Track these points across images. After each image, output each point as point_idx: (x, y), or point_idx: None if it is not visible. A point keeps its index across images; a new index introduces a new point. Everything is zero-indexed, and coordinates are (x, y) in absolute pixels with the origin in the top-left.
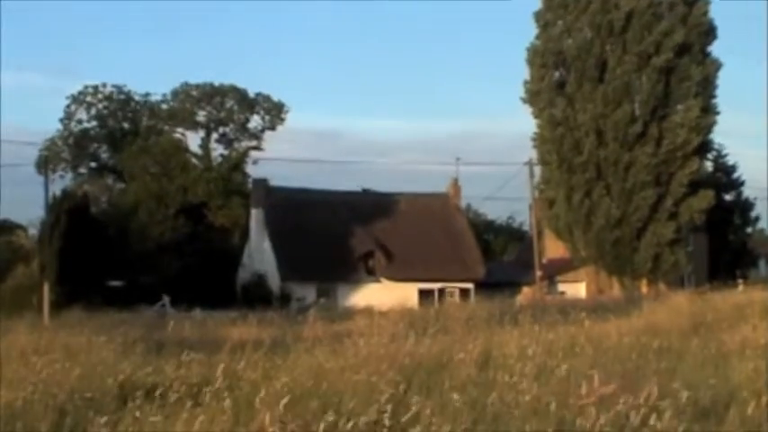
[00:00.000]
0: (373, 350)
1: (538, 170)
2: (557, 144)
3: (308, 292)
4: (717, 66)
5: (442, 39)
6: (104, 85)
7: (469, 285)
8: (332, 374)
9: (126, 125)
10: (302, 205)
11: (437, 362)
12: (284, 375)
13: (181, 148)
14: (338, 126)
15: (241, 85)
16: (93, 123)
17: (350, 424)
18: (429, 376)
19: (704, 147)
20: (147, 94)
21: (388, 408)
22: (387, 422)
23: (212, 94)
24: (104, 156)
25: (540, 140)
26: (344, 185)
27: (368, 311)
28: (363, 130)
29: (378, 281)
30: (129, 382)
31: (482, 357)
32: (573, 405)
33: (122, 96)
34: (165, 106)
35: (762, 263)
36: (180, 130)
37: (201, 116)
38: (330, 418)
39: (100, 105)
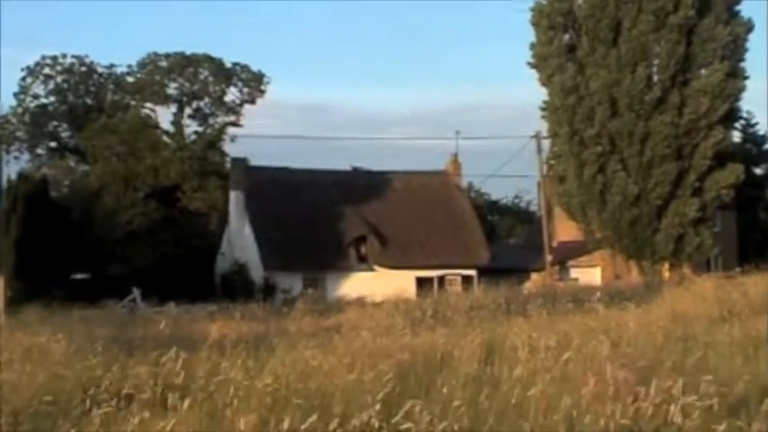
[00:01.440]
0: (365, 345)
1: (546, 144)
2: (567, 114)
3: (294, 283)
4: (747, 27)
5: None
6: (64, 56)
7: (472, 272)
8: (320, 373)
9: (88, 100)
10: (286, 186)
11: (436, 357)
12: (267, 375)
13: (150, 124)
14: (325, 99)
15: (216, 54)
16: (52, 99)
17: (338, 428)
18: (427, 373)
19: (731, 115)
20: (112, 66)
21: (380, 408)
22: (377, 424)
23: (184, 65)
24: (65, 135)
25: (548, 110)
26: (333, 164)
27: (360, 303)
28: (353, 102)
29: (371, 269)
30: (96, 386)
31: (486, 351)
32: (586, 400)
33: (84, 68)
34: (131, 79)
35: None
36: (149, 105)
37: (172, 89)
38: (316, 420)
39: (59, 78)
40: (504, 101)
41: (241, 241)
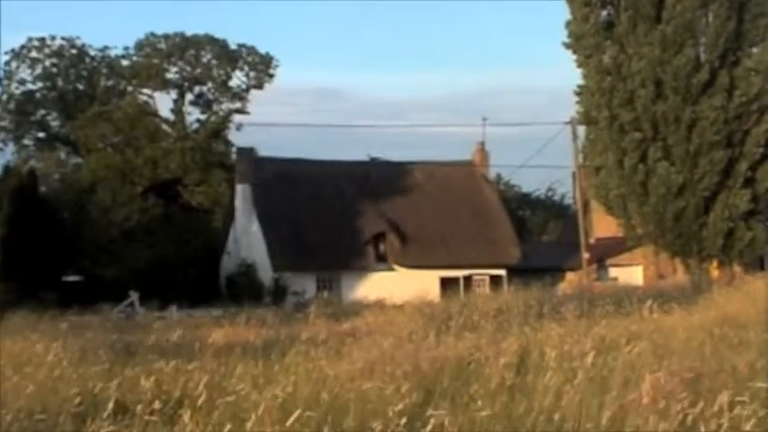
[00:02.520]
0: (385, 352)
1: (582, 131)
2: (606, 97)
3: (306, 284)
4: None
5: None
6: (52, 38)
7: (502, 272)
8: (335, 383)
9: (80, 86)
10: (298, 179)
11: (462, 365)
12: (277, 385)
13: (148, 112)
14: (339, 83)
15: (219, 35)
16: (40, 84)
17: None
18: (452, 382)
19: None
20: (106, 48)
21: (402, 422)
22: None
23: (185, 47)
24: (54, 124)
25: (585, 94)
26: (348, 154)
27: (379, 306)
28: (370, 87)
29: (390, 269)
30: (91, 398)
31: (517, 359)
32: (626, 412)
33: (74, 51)
34: (127, 62)
35: None
36: (146, 90)
37: (172, 73)
38: None
39: (47, 62)
40: (536, 84)
41: (248, 239)
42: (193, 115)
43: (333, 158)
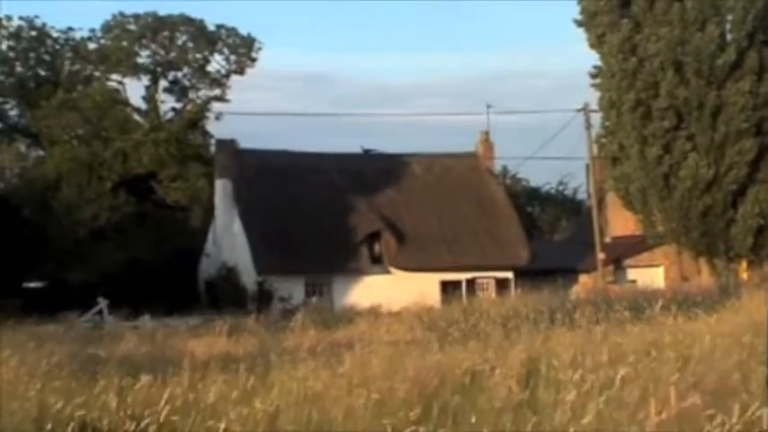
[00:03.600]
0: (380, 364)
1: (597, 118)
2: (623, 81)
3: (294, 289)
4: None
5: None
6: (9, 18)
7: (509, 274)
8: (324, 398)
9: (41, 71)
10: (284, 174)
11: (465, 377)
12: (260, 401)
13: (118, 100)
14: (329, 67)
15: (196, 14)
16: None
17: None
18: (454, 396)
19: None
20: (69, 30)
21: None
22: None
23: (157, 28)
24: (13, 113)
25: (601, 77)
26: (340, 145)
27: (374, 312)
28: (363, 71)
29: (386, 272)
30: (52, 418)
31: (526, 370)
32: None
33: (34, 33)
34: (93, 45)
35: None
36: (115, 76)
37: (144, 58)
38: None
39: (3, 45)
40: (545, 67)
41: (229, 240)
42: (168, 103)
43: (322, 150)
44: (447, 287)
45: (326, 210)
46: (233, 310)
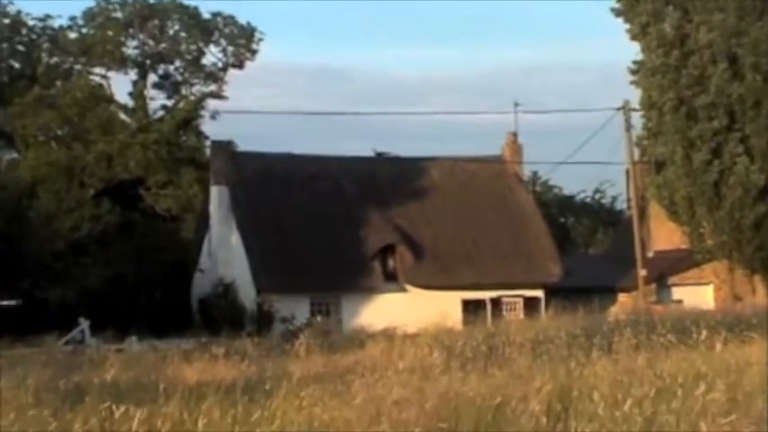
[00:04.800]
0: (393, 392)
1: (639, 118)
2: (670, 76)
3: (297, 309)
4: None
5: None
6: None
7: (538, 293)
8: (331, 430)
9: (15, 64)
10: (287, 179)
11: (489, 408)
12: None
13: (101, 97)
14: (338, 61)
15: (189, 1)
16: None
17: None
18: (477, 429)
19: None
20: (47, 17)
21: None
22: None
23: (147, 16)
24: None
25: (644, 72)
26: (350, 148)
27: (387, 335)
28: (377, 66)
29: (401, 289)
30: None
31: (557, 401)
32: None
33: (7, 21)
34: (74, 35)
35: None
36: (99, 70)
37: (131, 49)
38: None
39: None
40: (579, 61)
41: (226, 254)
42: (158, 101)
43: (330, 153)
44: (469, 307)
45: (334, 220)
46: (230, 332)
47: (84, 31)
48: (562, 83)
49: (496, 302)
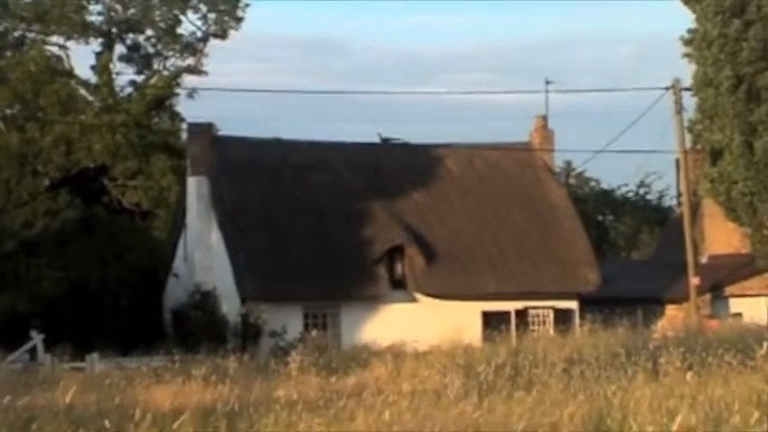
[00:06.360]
0: (402, 421)
1: (690, 99)
2: (727, 49)
3: (289, 321)
4: None
5: None
6: None
7: (572, 304)
8: None
9: None
10: (278, 169)
11: None
12: None
13: (59, 71)
14: (338, 32)
15: None
16: None
17: None
18: None
19: None
20: None
21: None
22: None
23: None
24: None
25: (695, 45)
26: (351, 133)
27: (395, 352)
28: (382, 37)
29: (411, 299)
30: None
31: (592, 429)
32: None
33: None
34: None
35: None
36: (56, 39)
37: (95, 15)
38: None
39: None
40: (619, 32)
41: (205, 256)
42: (125, 76)
43: (327, 139)
44: (490, 320)
45: (332, 218)
46: (209, 349)
47: None
48: (600, 57)
49: (522, 314)
